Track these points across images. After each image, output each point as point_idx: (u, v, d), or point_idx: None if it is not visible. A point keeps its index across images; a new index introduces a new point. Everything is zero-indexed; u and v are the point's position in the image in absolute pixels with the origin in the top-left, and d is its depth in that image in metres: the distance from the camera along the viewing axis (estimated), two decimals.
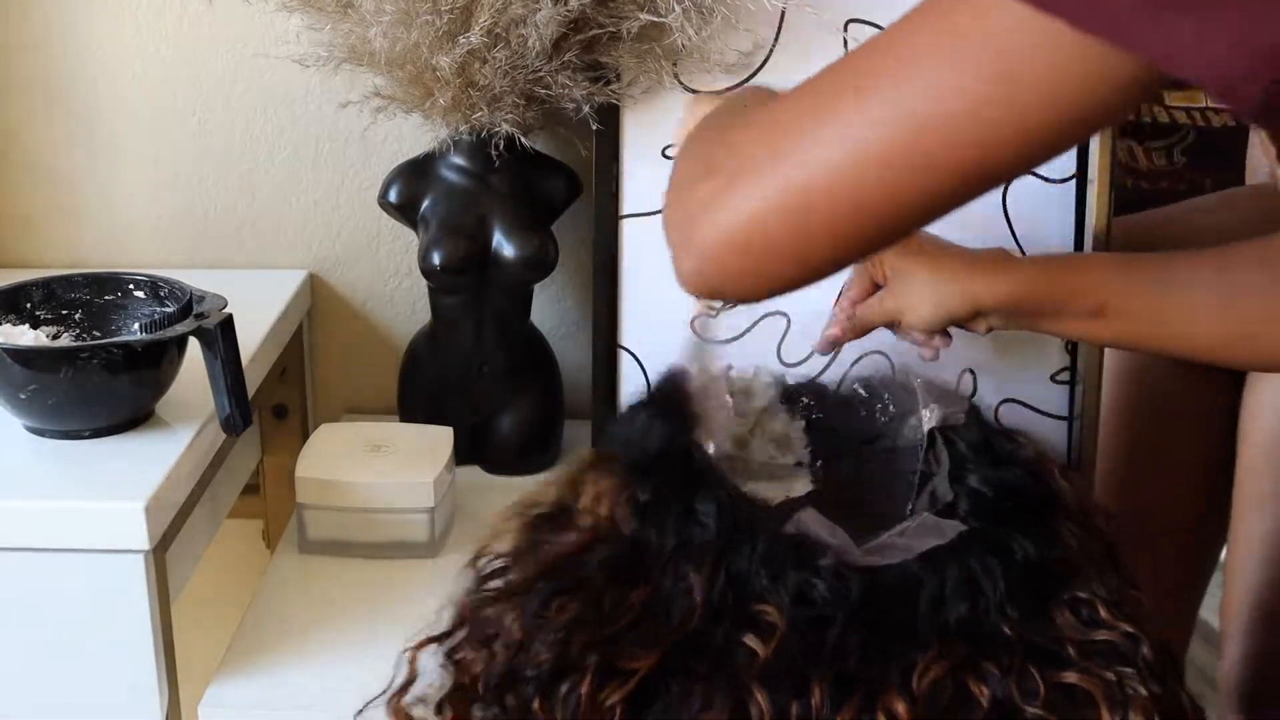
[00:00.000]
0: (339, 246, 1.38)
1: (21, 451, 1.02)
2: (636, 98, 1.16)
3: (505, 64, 1.10)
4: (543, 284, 1.29)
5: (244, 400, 1.03)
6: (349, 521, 1.12)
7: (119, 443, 1.03)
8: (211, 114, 1.35)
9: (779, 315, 1.18)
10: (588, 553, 0.87)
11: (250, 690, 0.99)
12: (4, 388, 1.00)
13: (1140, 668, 0.84)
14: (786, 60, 1.16)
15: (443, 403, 1.26)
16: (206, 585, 1.15)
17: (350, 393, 1.41)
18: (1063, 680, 0.83)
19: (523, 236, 1.18)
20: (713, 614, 0.84)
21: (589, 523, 0.89)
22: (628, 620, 0.84)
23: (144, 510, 0.94)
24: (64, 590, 0.97)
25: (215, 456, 1.08)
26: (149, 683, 0.98)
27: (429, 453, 1.15)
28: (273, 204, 1.37)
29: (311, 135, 1.35)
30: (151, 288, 1.09)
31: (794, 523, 0.88)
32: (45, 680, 0.99)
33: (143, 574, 0.95)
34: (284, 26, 1.29)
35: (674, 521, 0.87)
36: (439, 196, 1.21)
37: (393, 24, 1.09)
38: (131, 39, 1.33)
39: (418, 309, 1.38)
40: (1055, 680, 0.83)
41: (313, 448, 1.17)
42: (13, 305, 1.07)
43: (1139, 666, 0.84)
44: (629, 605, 0.84)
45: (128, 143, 1.36)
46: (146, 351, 1.00)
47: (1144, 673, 0.84)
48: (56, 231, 1.38)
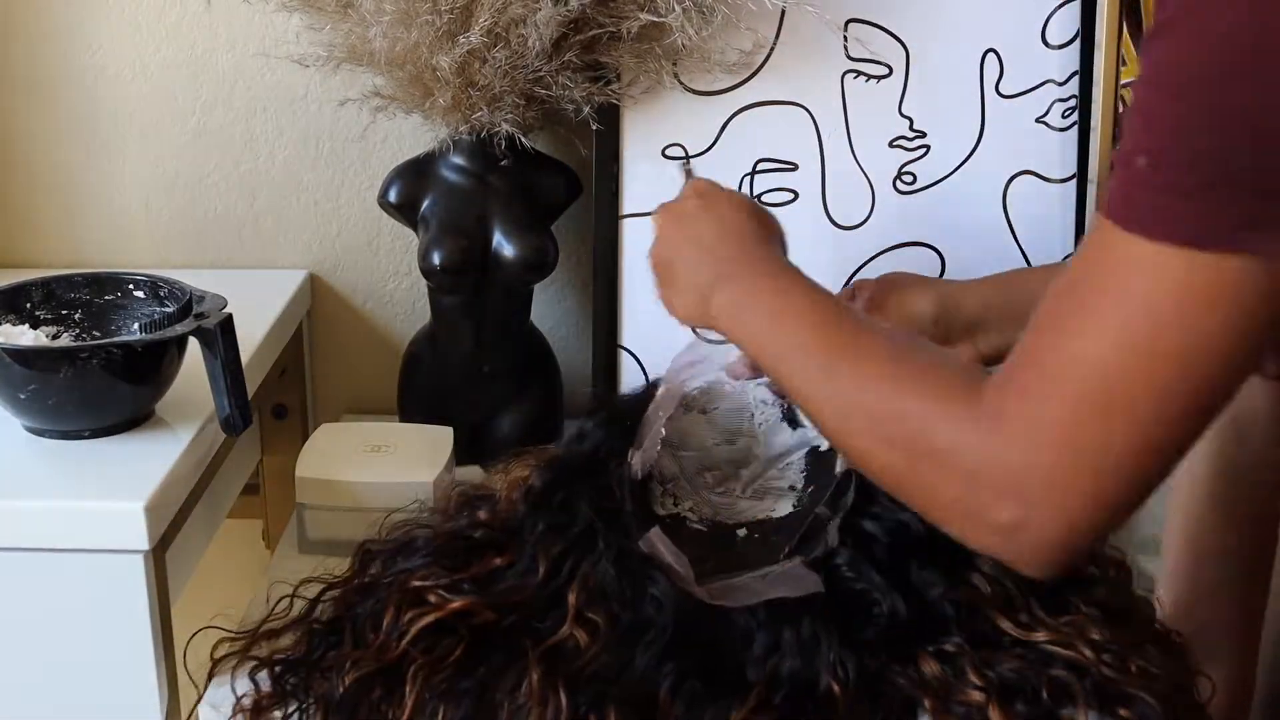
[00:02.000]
0: (339, 246, 1.38)
1: (21, 451, 1.02)
2: (636, 98, 1.16)
3: (505, 64, 1.10)
4: (543, 284, 1.29)
5: (244, 400, 1.03)
6: (349, 521, 1.12)
7: (119, 443, 1.03)
8: (211, 114, 1.35)
9: None
10: (478, 528, 0.96)
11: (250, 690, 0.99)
12: (4, 388, 1.00)
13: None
14: (786, 60, 1.16)
15: (443, 403, 1.26)
16: (206, 585, 1.15)
17: (350, 393, 1.41)
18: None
19: (523, 236, 1.18)
20: (551, 599, 0.90)
21: (501, 508, 0.98)
22: (467, 576, 0.92)
23: (144, 510, 0.94)
24: (64, 590, 0.97)
25: (215, 456, 1.08)
26: (149, 683, 0.98)
27: (429, 453, 1.15)
28: (273, 204, 1.37)
29: (311, 135, 1.35)
30: (151, 288, 1.09)
31: (644, 541, 0.92)
32: (45, 680, 0.99)
33: (143, 574, 0.95)
34: (284, 26, 1.29)
35: (549, 511, 0.94)
36: (439, 196, 1.21)
37: (393, 24, 1.09)
38: (131, 39, 1.33)
39: (418, 309, 1.38)
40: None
41: (313, 448, 1.16)
42: (13, 305, 1.07)
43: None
44: (479, 568, 0.92)
45: (128, 143, 1.36)
46: (146, 351, 1.00)
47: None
48: (56, 231, 1.38)
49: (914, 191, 1.18)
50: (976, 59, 1.16)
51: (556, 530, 0.92)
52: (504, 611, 0.90)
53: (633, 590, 0.89)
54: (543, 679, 0.86)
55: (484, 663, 0.88)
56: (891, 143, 1.17)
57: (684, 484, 1.03)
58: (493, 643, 0.89)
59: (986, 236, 1.17)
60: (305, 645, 0.94)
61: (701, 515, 1.01)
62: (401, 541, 0.98)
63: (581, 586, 0.89)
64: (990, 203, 1.17)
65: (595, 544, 0.91)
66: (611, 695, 0.85)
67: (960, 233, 1.17)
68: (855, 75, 1.16)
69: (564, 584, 0.90)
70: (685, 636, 0.88)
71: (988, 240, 1.17)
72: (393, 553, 0.97)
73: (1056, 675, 0.87)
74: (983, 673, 0.87)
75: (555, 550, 0.91)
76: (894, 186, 1.17)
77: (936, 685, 0.87)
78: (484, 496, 1.01)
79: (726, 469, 1.05)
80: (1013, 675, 0.87)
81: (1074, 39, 1.15)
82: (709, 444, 1.06)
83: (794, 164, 1.17)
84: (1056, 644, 0.89)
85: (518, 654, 0.88)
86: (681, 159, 1.17)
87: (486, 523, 0.97)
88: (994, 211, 1.17)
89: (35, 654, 0.98)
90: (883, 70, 1.16)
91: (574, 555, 0.91)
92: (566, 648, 0.88)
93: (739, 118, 1.17)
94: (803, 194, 1.18)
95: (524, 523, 0.94)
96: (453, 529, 0.97)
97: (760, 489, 1.04)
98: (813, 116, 1.17)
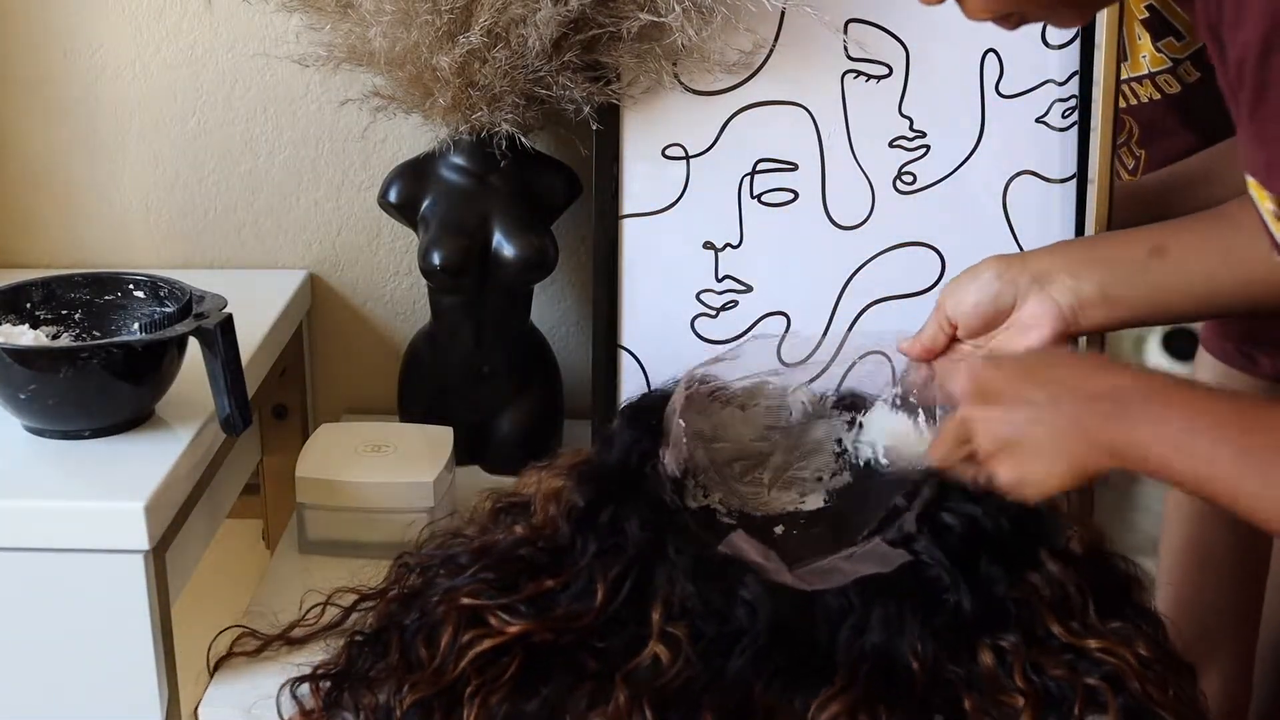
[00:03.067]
0: (339, 246, 1.38)
1: (21, 451, 1.02)
2: (636, 98, 1.16)
3: (505, 64, 1.10)
4: (543, 284, 1.29)
5: (244, 400, 1.03)
6: (349, 521, 1.12)
7: (119, 443, 1.03)
8: (211, 114, 1.35)
9: (778, 315, 1.18)
10: (520, 545, 0.94)
11: (250, 690, 0.99)
12: (4, 388, 1.00)
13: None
14: (786, 60, 1.16)
15: (443, 403, 1.26)
16: (206, 585, 1.15)
17: (350, 393, 1.41)
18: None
19: (523, 236, 1.18)
20: (613, 620, 0.88)
21: (538, 520, 0.95)
22: (521, 598, 0.90)
23: (144, 510, 0.94)
24: (64, 590, 0.97)
25: (215, 456, 1.08)
26: (149, 683, 0.98)
27: (429, 453, 1.15)
28: (273, 204, 1.37)
29: (311, 135, 1.35)
30: (151, 288, 1.09)
31: (726, 543, 0.92)
32: (45, 680, 0.99)
33: (142, 574, 0.95)
34: (284, 26, 1.29)
35: (598, 531, 0.92)
36: (439, 196, 1.21)
37: (393, 24, 1.09)
38: (131, 39, 1.33)
39: (418, 309, 1.38)
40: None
41: (313, 448, 1.16)
42: (13, 305, 1.07)
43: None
44: (532, 589, 0.90)
45: (128, 143, 1.36)
46: (146, 351, 1.00)
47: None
48: (56, 231, 1.38)
49: (914, 191, 1.17)
50: (976, 59, 1.16)
51: (610, 553, 0.91)
52: (562, 634, 0.89)
53: (721, 599, 0.89)
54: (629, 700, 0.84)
55: (544, 682, 0.87)
56: (891, 143, 1.17)
57: (713, 474, 1.03)
58: (550, 661, 0.88)
59: (986, 236, 1.17)
60: (346, 657, 0.93)
61: (730, 507, 1.02)
62: (444, 555, 0.96)
63: (663, 603, 0.88)
64: (990, 203, 1.17)
65: (660, 559, 0.90)
66: (704, 705, 0.85)
67: (960, 233, 1.17)
68: (855, 75, 1.16)
69: (625, 604, 0.89)
70: (779, 632, 0.87)
71: (988, 240, 1.17)
72: (435, 565, 0.96)
73: (1092, 685, 0.87)
74: (1028, 677, 0.87)
75: (613, 573, 0.90)
76: (894, 186, 1.17)
77: (983, 682, 0.87)
78: (518, 505, 0.99)
79: (755, 459, 1.06)
80: (1054, 686, 0.87)
81: (1074, 39, 1.15)
82: (745, 439, 1.07)
83: (794, 164, 1.17)
84: (1104, 652, 0.88)
85: (584, 673, 0.87)
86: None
87: (528, 538, 0.95)
88: (994, 211, 1.17)
89: (35, 654, 0.98)
90: (883, 70, 1.16)
91: (634, 575, 0.90)
92: (643, 665, 0.87)
93: (739, 118, 1.17)
94: (803, 194, 1.18)
95: (572, 543, 0.93)
96: (494, 543, 0.95)
97: (788, 480, 1.05)
98: (813, 116, 1.17)
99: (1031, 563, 0.92)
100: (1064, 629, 0.90)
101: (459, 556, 0.95)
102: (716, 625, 0.88)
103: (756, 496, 1.04)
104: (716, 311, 1.18)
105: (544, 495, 0.97)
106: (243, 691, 0.99)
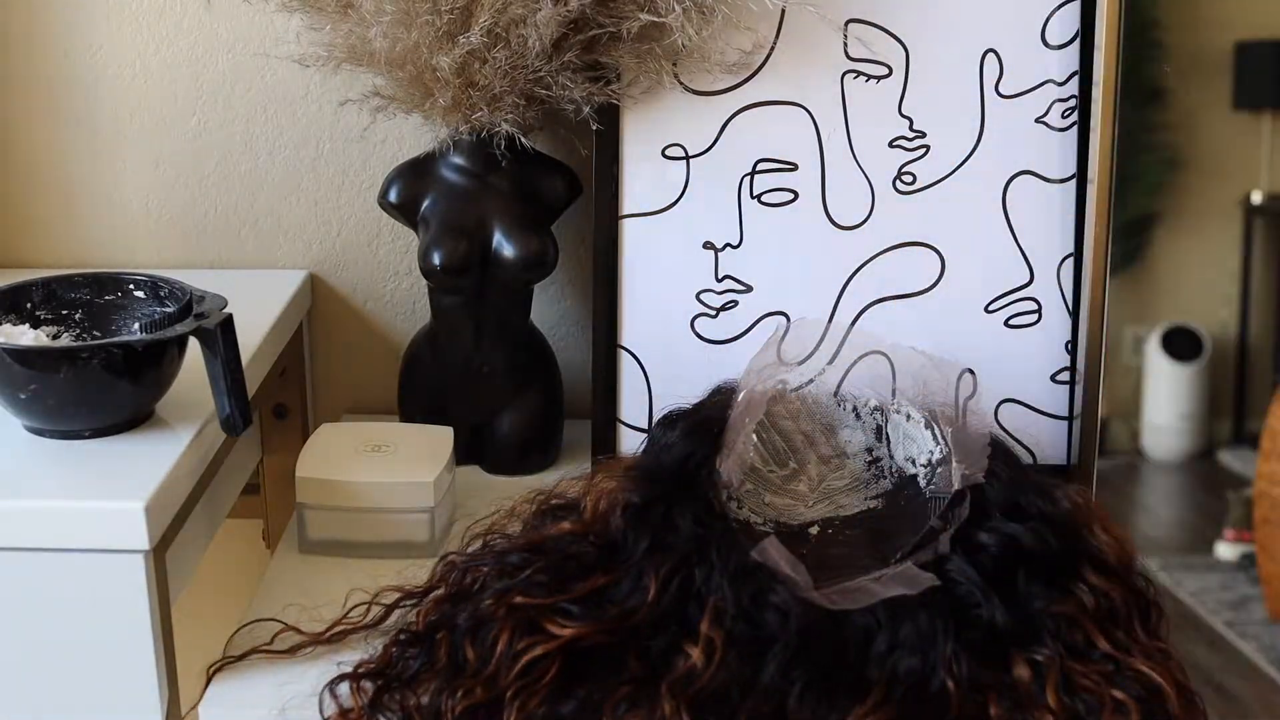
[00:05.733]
0: (339, 246, 1.38)
1: (21, 451, 1.02)
2: (636, 98, 1.16)
3: (505, 64, 1.10)
4: (543, 284, 1.29)
5: (244, 400, 1.03)
6: (349, 521, 1.12)
7: (119, 443, 1.03)
8: (211, 114, 1.35)
9: (779, 315, 1.18)
10: (571, 541, 0.94)
11: (250, 690, 0.99)
12: (4, 388, 1.00)
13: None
14: (786, 60, 1.16)
15: (443, 403, 1.26)
16: (206, 585, 1.15)
17: (350, 393, 1.42)
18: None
19: (523, 237, 1.18)
20: (661, 618, 0.88)
21: (587, 517, 0.95)
22: (574, 597, 0.89)
23: (144, 510, 0.94)
24: (64, 590, 0.97)
25: (215, 456, 1.09)
26: (149, 683, 0.98)
27: (429, 453, 1.15)
28: (273, 204, 1.37)
29: (311, 135, 1.35)
30: (151, 288, 1.09)
31: (758, 550, 0.92)
32: (45, 680, 0.99)
33: (142, 574, 0.96)
34: (284, 26, 1.30)
35: (651, 527, 0.92)
36: (439, 196, 1.21)
37: (393, 24, 1.09)
38: (131, 39, 1.33)
39: (418, 309, 1.38)
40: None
41: (313, 448, 1.17)
42: (13, 305, 1.07)
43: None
44: (584, 587, 0.90)
45: (128, 143, 1.36)
46: (146, 351, 1.00)
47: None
48: (56, 231, 1.38)
49: (914, 191, 1.18)
50: (976, 59, 1.16)
51: (662, 549, 0.91)
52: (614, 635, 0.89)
53: (753, 603, 0.89)
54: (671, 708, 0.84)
55: (582, 683, 0.87)
56: (891, 143, 1.17)
57: (748, 485, 1.04)
58: (590, 661, 0.88)
59: (986, 236, 1.17)
60: (390, 657, 0.93)
61: (765, 518, 1.03)
62: (493, 552, 0.96)
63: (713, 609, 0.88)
64: (990, 203, 1.17)
65: (704, 559, 0.90)
66: (739, 712, 0.85)
67: (960, 233, 1.18)
68: (855, 75, 1.17)
69: (673, 602, 0.89)
70: (809, 643, 0.87)
71: (988, 240, 1.17)
72: (481, 564, 0.96)
73: (1118, 698, 0.87)
74: (1059, 696, 0.87)
75: (665, 568, 0.90)
76: (894, 186, 1.18)
77: (1012, 697, 0.87)
78: (566, 506, 0.99)
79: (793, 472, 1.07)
80: (1083, 706, 0.87)
81: (1074, 39, 1.15)
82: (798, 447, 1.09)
83: (794, 164, 1.18)
84: (1145, 667, 0.88)
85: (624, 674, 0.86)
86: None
87: (579, 533, 0.95)
88: (994, 211, 1.17)
89: (35, 654, 0.98)
90: (882, 70, 1.16)
91: (683, 573, 0.90)
92: (678, 668, 0.87)
93: (739, 118, 1.17)
94: (802, 194, 1.18)
95: (625, 538, 0.93)
96: (542, 539, 0.95)
97: (825, 490, 1.06)
98: (812, 116, 1.17)
99: (1076, 577, 0.92)
100: (1108, 640, 0.90)
101: (509, 555, 0.95)
102: (749, 629, 0.88)
103: (792, 509, 1.05)
104: (716, 311, 1.19)
105: (595, 494, 0.97)
106: (243, 691, 0.99)
